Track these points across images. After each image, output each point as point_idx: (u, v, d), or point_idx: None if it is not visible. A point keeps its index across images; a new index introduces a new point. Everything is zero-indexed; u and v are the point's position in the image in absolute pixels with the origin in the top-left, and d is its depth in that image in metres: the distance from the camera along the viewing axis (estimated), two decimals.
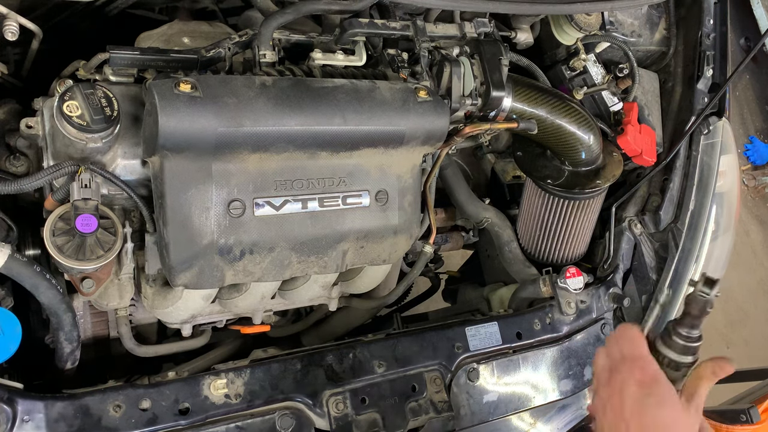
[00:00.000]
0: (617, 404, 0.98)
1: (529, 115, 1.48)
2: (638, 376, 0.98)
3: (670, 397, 0.96)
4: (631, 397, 0.96)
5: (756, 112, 5.27)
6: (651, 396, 0.96)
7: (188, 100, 1.07)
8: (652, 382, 0.97)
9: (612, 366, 1.03)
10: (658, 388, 0.96)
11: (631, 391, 0.97)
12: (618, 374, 1.00)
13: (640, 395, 0.96)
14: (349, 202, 1.28)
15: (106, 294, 1.33)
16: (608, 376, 1.02)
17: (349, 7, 1.30)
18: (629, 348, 1.02)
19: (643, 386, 0.97)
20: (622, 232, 1.74)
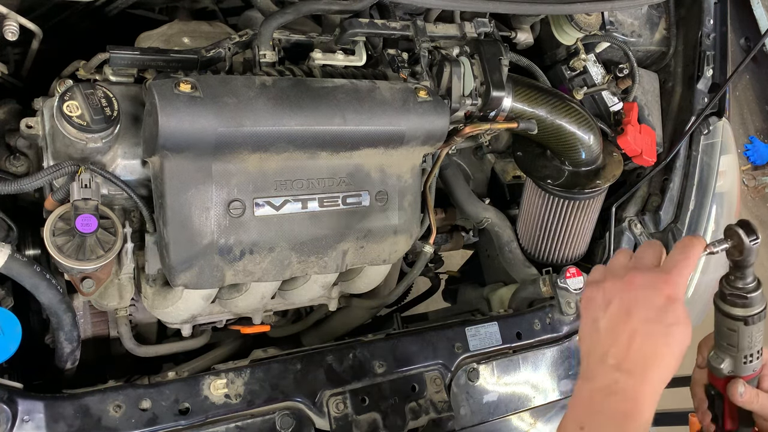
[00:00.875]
0: (627, 305, 0.85)
1: (529, 115, 1.48)
2: (668, 290, 0.84)
3: (687, 327, 0.84)
4: (651, 304, 0.83)
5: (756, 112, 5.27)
6: (671, 315, 0.83)
7: (188, 100, 1.07)
8: (678, 300, 0.84)
9: (639, 265, 0.88)
10: (680, 311, 0.84)
11: (652, 298, 0.84)
12: (644, 274, 0.86)
13: (662, 307, 0.83)
14: (349, 202, 1.28)
15: (106, 294, 1.33)
16: (628, 272, 0.88)
17: (349, 7, 1.30)
18: (678, 256, 0.87)
19: (669, 300, 0.83)
20: (622, 232, 1.74)
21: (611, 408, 0.83)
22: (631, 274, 0.88)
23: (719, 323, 0.97)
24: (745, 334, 0.94)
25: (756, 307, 0.93)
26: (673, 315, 0.84)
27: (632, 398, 0.83)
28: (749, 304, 0.92)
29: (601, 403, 0.84)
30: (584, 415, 0.85)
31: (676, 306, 0.84)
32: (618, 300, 0.87)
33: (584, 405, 0.86)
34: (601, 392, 0.84)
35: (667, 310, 0.84)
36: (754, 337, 0.95)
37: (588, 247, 1.76)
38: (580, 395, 0.88)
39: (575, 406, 0.88)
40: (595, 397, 0.85)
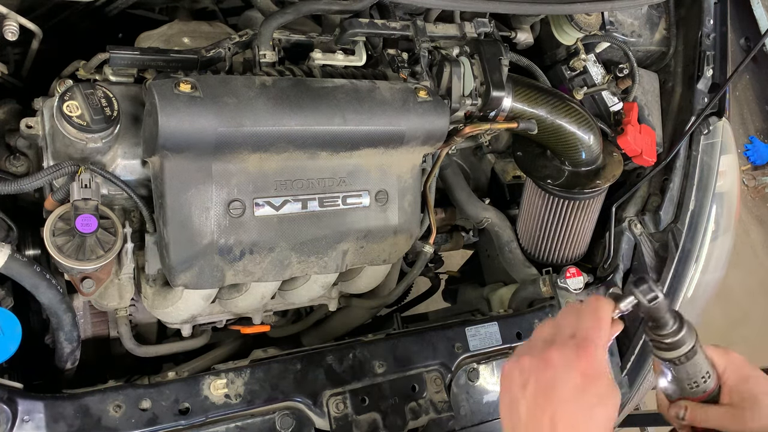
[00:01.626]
0: (544, 387, 0.82)
1: (529, 115, 1.48)
2: (584, 366, 0.81)
3: (610, 400, 0.82)
4: (568, 384, 0.81)
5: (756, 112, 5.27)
6: (590, 393, 0.81)
7: (188, 100, 1.07)
8: (596, 376, 0.82)
9: (558, 338, 0.85)
10: (600, 387, 0.82)
11: (569, 378, 0.81)
12: (560, 350, 0.83)
13: (580, 386, 0.80)
14: (349, 202, 1.28)
15: (106, 294, 1.33)
16: (546, 348, 0.85)
17: (349, 7, 1.30)
18: (588, 323, 0.86)
19: (587, 378, 0.81)
20: (622, 232, 1.74)
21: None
22: (549, 350, 0.84)
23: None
24: (681, 371, 0.96)
25: (683, 347, 0.94)
26: (594, 394, 0.80)
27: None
28: (674, 347, 0.94)
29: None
30: None
31: (596, 383, 0.81)
32: (534, 380, 0.83)
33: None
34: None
35: (586, 390, 0.80)
36: (692, 370, 0.96)
37: (588, 247, 1.76)
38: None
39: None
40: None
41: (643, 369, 1.75)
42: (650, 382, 1.84)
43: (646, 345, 1.73)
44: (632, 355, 1.73)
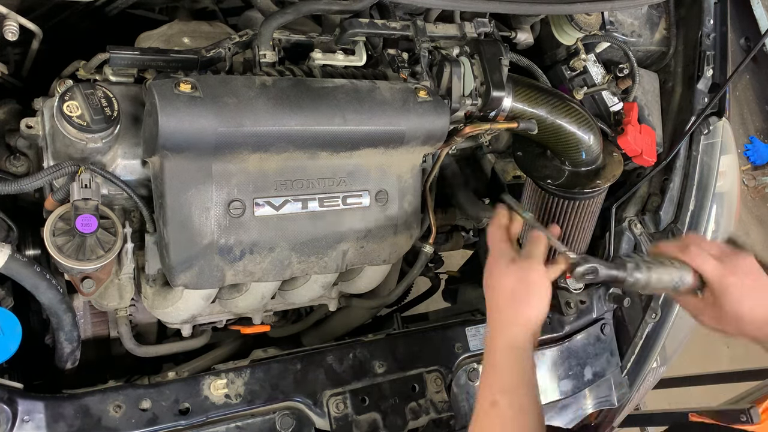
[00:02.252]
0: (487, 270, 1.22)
1: (529, 115, 1.48)
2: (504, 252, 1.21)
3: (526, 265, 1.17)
4: (497, 263, 1.20)
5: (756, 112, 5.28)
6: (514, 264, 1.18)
7: (188, 100, 1.07)
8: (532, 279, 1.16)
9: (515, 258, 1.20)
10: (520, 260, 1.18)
11: (497, 261, 1.21)
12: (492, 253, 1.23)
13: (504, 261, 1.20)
14: (349, 202, 1.28)
15: (106, 294, 1.33)
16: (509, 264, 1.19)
17: (349, 7, 1.30)
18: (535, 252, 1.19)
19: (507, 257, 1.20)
20: (622, 232, 1.74)
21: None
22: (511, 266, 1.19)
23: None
24: (647, 287, 1.16)
25: (638, 282, 1.14)
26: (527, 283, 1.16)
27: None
28: (633, 286, 1.15)
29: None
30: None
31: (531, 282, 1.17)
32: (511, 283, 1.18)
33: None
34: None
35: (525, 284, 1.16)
36: (659, 285, 1.15)
37: (588, 247, 1.76)
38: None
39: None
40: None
41: (643, 369, 1.75)
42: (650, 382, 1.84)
43: (646, 345, 1.73)
44: (632, 355, 1.73)
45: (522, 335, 1.11)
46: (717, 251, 1.17)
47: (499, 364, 1.10)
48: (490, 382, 1.09)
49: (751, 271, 1.16)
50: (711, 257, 1.15)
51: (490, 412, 1.04)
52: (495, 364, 1.10)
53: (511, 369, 1.08)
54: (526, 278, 1.15)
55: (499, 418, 1.03)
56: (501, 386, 1.07)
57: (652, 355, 1.74)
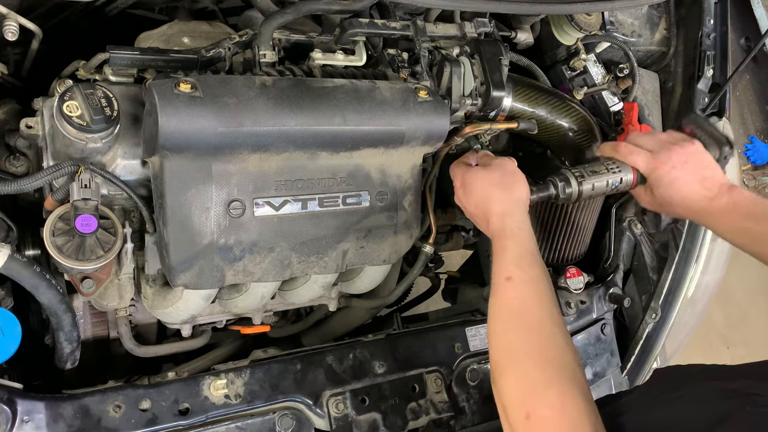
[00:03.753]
0: (459, 179, 1.31)
1: (529, 115, 1.48)
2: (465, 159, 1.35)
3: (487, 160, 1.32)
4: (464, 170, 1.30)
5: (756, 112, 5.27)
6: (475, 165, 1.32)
7: (188, 100, 1.07)
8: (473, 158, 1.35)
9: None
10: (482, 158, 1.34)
11: (463, 168, 1.31)
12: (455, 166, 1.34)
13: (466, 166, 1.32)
14: (349, 202, 1.28)
15: (106, 294, 1.33)
16: (453, 170, 1.34)
17: (349, 7, 1.30)
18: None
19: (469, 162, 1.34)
20: (623, 232, 1.74)
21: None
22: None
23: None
24: (594, 191, 1.34)
25: (573, 192, 1.34)
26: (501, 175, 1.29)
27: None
28: (571, 197, 1.34)
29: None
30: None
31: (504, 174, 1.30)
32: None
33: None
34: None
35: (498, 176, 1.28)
36: (601, 187, 1.34)
37: (588, 247, 1.75)
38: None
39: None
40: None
41: (643, 369, 1.75)
42: None
43: (646, 345, 1.73)
44: (632, 355, 1.73)
45: (519, 214, 1.22)
46: (651, 144, 1.32)
47: (508, 245, 1.17)
48: (503, 260, 1.15)
49: (682, 160, 1.28)
50: (643, 152, 1.31)
51: (506, 285, 1.11)
52: (504, 245, 1.17)
53: (520, 245, 1.16)
54: (502, 167, 1.29)
55: (515, 289, 1.10)
56: (513, 262, 1.14)
57: (652, 355, 1.74)
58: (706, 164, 1.29)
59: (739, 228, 1.23)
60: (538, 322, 1.06)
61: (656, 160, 1.29)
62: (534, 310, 1.08)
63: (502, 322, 1.09)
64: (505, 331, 1.08)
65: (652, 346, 1.73)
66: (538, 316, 1.07)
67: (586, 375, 1.08)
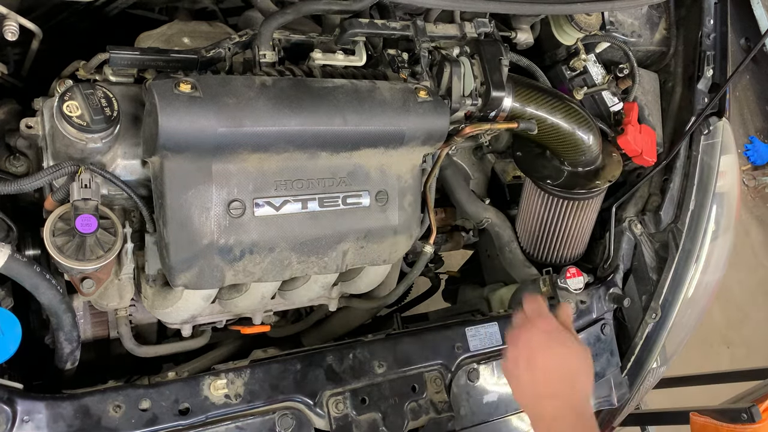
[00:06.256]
0: (525, 350, 1.13)
1: (529, 115, 1.48)
2: (543, 327, 1.15)
3: (569, 337, 1.15)
4: (538, 341, 1.13)
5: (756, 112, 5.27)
6: (554, 338, 1.13)
7: (188, 100, 1.07)
8: (554, 329, 1.15)
9: (521, 325, 1.17)
10: (560, 333, 1.14)
11: (538, 338, 1.13)
12: (526, 330, 1.15)
13: (546, 338, 1.13)
14: (349, 202, 1.28)
15: (106, 294, 1.33)
16: (518, 334, 1.16)
17: (349, 7, 1.30)
18: (532, 308, 1.19)
19: (548, 333, 1.14)
20: (623, 232, 1.74)
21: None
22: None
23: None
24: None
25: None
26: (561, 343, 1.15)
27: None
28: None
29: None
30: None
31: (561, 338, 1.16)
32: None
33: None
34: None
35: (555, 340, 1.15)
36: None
37: (586, 247, 1.76)
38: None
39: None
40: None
41: (643, 369, 1.75)
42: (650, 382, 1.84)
43: (646, 345, 1.73)
44: (632, 355, 1.73)
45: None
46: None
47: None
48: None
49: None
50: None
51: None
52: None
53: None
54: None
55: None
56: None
57: (652, 355, 1.74)
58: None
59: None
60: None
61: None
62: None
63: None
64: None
65: (652, 346, 1.73)
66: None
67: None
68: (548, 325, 1.16)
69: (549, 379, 1.10)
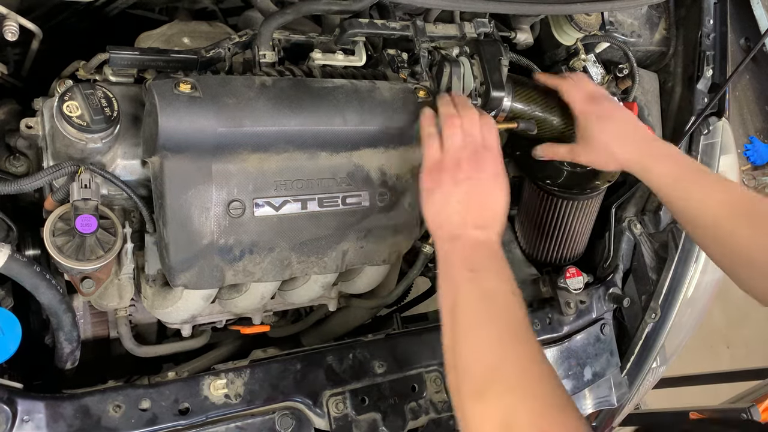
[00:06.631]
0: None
1: (529, 115, 1.48)
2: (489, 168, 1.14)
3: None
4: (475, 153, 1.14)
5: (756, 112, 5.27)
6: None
7: (188, 101, 1.07)
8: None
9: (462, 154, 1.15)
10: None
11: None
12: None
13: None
14: (349, 202, 1.28)
15: (106, 294, 1.33)
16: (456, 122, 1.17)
17: (349, 7, 1.30)
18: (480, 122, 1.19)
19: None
20: (622, 232, 1.74)
21: (484, 251, 1.08)
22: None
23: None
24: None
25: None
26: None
27: (494, 242, 1.10)
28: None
29: (477, 249, 1.08)
30: (469, 261, 1.06)
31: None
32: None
33: (464, 255, 1.07)
34: (474, 244, 1.08)
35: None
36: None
37: (586, 247, 1.76)
38: (456, 250, 1.08)
39: (454, 259, 1.07)
40: (473, 247, 1.08)
41: (642, 369, 1.76)
42: (650, 382, 1.84)
43: (646, 345, 1.73)
44: (632, 355, 1.73)
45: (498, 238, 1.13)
46: (591, 90, 1.37)
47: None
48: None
49: (616, 107, 1.32)
50: (582, 91, 1.35)
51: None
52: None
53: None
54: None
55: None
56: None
57: (652, 355, 1.74)
58: (636, 118, 1.34)
59: (671, 175, 1.23)
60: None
61: (590, 102, 1.34)
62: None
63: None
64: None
65: (652, 346, 1.73)
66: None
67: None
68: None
69: (474, 208, 1.12)
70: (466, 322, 1.00)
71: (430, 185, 1.15)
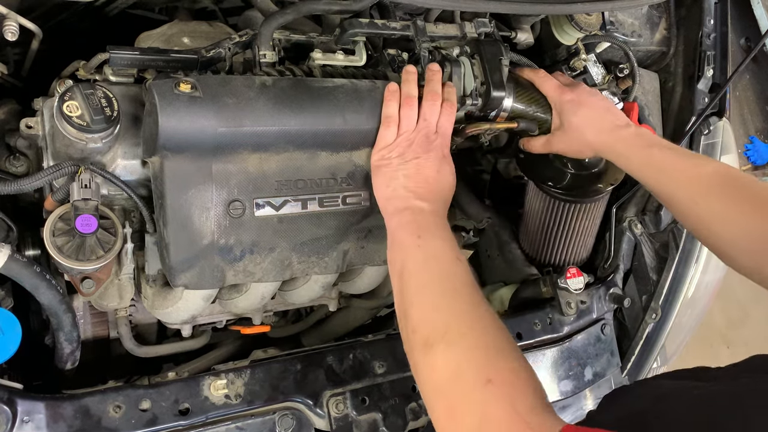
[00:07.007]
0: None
1: (530, 115, 1.47)
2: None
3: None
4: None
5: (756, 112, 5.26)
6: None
7: (188, 100, 1.07)
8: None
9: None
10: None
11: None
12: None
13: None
14: (349, 202, 1.28)
15: (106, 294, 1.33)
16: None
17: (349, 7, 1.30)
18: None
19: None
20: (623, 232, 1.74)
21: (430, 219, 1.14)
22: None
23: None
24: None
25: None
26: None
27: (440, 214, 1.17)
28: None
29: (424, 218, 1.14)
30: (415, 228, 1.12)
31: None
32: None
33: (411, 223, 1.13)
34: (421, 213, 1.15)
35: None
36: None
37: (590, 252, 1.75)
38: (403, 220, 1.15)
39: (401, 228, 1.14)
40: (420, 216, 1.14)
41: (643, 369, 1.75)
42: None
43: (646, 345, 1.73)
44: (632, 355, 1.73)
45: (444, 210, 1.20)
46: (565, 80, 1.42)
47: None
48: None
49: (590, 93, 1.36)
50: (556, 80, 1.39)
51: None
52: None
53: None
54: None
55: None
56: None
57: (652, 355, 1.74)
58: (610, 104, 1.38)
59: (644, 156, 1.26)
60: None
61: (564, 89, 1.38)
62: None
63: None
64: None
65: (652, 346, 1.73)
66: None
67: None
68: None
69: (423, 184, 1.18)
70: (414, 283, 1.06)
71: (380, 163, 1.21)
